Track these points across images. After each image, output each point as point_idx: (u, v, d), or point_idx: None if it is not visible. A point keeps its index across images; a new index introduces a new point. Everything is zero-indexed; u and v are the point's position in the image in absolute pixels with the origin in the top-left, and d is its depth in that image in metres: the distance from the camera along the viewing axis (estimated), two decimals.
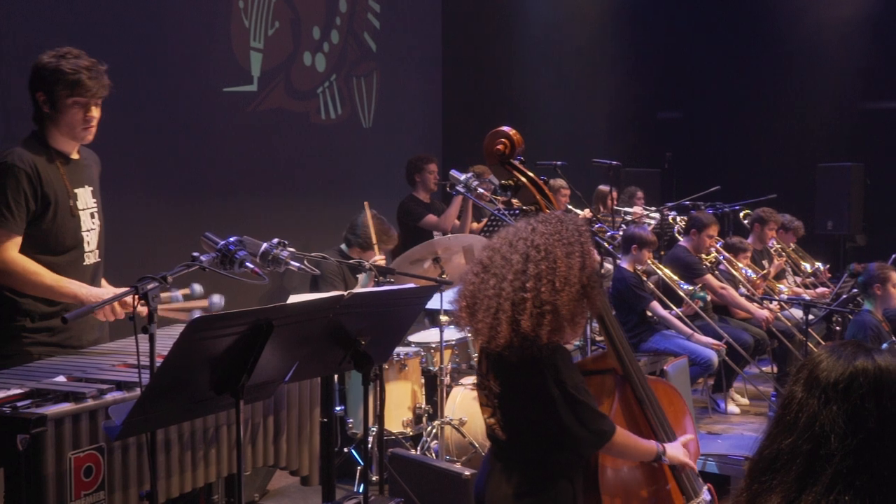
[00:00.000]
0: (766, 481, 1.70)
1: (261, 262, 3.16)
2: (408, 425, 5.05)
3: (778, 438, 1.72)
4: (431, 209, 7.11)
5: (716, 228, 7.11)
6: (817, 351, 1.78)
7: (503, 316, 2.53)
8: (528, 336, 2.50)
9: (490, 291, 2.58)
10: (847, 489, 1.62)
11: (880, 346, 5.58)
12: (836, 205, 9.49)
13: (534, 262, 2.55)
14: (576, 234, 2.62)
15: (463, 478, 3.96)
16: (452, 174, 5.03)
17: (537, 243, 2.58)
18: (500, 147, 3.09)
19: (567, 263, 2.56)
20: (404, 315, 3.35)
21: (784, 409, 1.73)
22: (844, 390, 1.65)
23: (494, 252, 2.65)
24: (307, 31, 7.88)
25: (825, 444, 1.63)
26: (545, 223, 2.64)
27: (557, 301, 2.52)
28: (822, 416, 1.65)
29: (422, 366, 5.21)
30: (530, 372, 2.58)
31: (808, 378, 1.71)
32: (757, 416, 6.53)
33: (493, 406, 2.73)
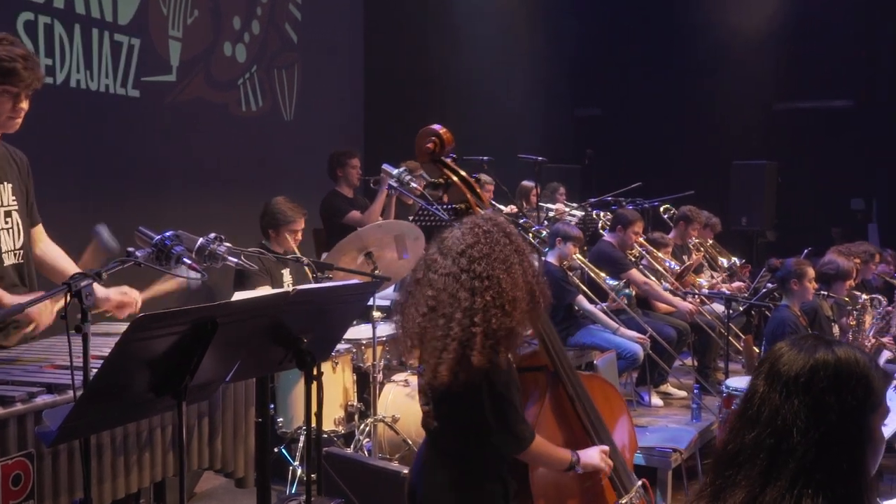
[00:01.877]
0: (730, 476, 1.71)
1: (197, 258, 3.04)
2: (340, 423, 4.96)
3: (741, 432, 1.73)
4: (355, 205, 7.02)
5: (641, 225, 7.22)
6: (776, 346, 1.79)
7: (446, 356, 2.50)
8: (480, 369, 2.49)
9: (439, 332, 2.55)
10: (809, 483, 1.64)
11: None
12: (749, 201, 9.76)
13: (479, 293, 2.52)
14: (506, 242, 2.61)
15: (401, 476, 3.89)
16: (385, 168, 4.94)
17: (478, 272, 2.55)
18: (430, 145, 3.09)
19: (511, 282, 2.55)
20: (346, 311, 3.27)
21: (747, 403, 1.75)
22: (806, 384, 1.68)
23: (440, 292, 2.59)
24: (227, 20, 7.68)
25: (788, 438, 1.66)
26: (476, 246, 2.58)
27: (510, 324, 2.52)
28: (784, 410, 1.67)
29: (353, 362, 5.12)
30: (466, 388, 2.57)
31: (770, 372, 1.73)
32: (681, 408, 6.63)
33: (427, 395, 2.74)
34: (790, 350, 1.75)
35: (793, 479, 1.64)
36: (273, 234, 5.23)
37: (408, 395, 5.04)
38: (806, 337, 1.80)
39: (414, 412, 4.98)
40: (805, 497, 1.63)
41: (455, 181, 3.05)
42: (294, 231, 5.20)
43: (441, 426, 2.72)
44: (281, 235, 5.19)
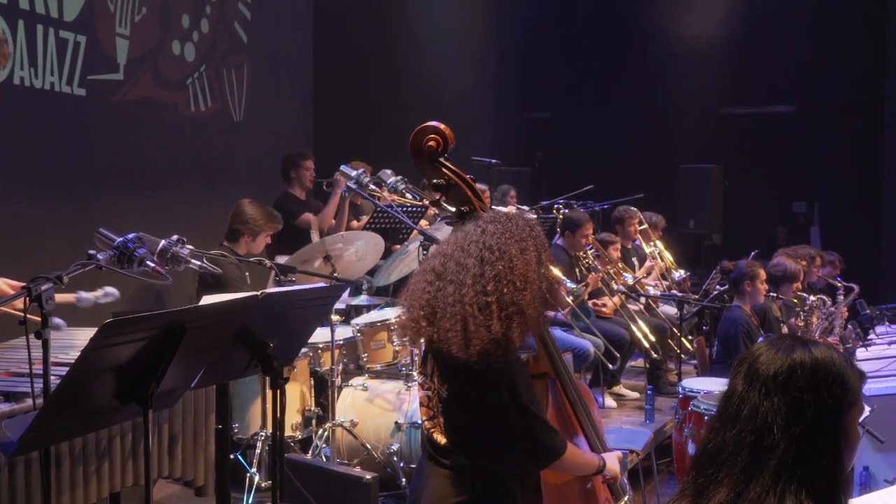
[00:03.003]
0: (712, 474, 1.74)
1: (160, 260, 2.96)
2: (297, 429, 4.89)
3: (721, 431, 1.76)
4: (307, 206, 6.93)
5: (590, 226, 7.20)
6: (756, 345, 1.83)
7: (474, 323, 2.40)
8: (500, 340, 2.39)
9: (450, 299, 2.45)
10: (792, 479, 1.67)
11: (751, 342, 5.81)
12: (697, 204, 9.90)
13: (489, 263, 2.45)
14: (527, 230, 2.55)
15: (364, 482, 3.85)
16: (343, 170, 4.91)
17: (489, 244, 2.49)
18: (432, 143, 2.89)
19: (523, 261, 2.48)
20: (312, 315, 3.21)
21: (726, 402, 1.78)
22: (784, 382, 1.71)
23: (447, 258, 2.53)
24: (176, 18, 7.53)
25: (768, 435, 1.69)
26: (494, 223, 2.55)
27: (521, 301, 2.43)
28: (763, 408, 1.71)
29: (310, 367, 5.05)
30: (484, 380, 2.47)
31: (749, 372, 1.76)
32: (634, 409, 6.68)
33: (434, 409, 2.64)
34: (768, 350, 1.78)
35: (775, 475, 1.68)
36: (248, 238, 5.09)
37: (366, 399, 4.99)
38: (783, 337, 1.85)
39: (373, 416, 4.95)
40: (788, 493, 1.66)
41: (457, 182, 2.90)
42: (269, 235, 5.10)
43: (452, 441, 2.59)
44: (258, 240, 5.07)
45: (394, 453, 4.74)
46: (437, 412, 2.62)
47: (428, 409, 2.66)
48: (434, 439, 2.64)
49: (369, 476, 3.89)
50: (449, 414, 2.59)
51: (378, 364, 5.22)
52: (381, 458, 4.77)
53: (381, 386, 5.07)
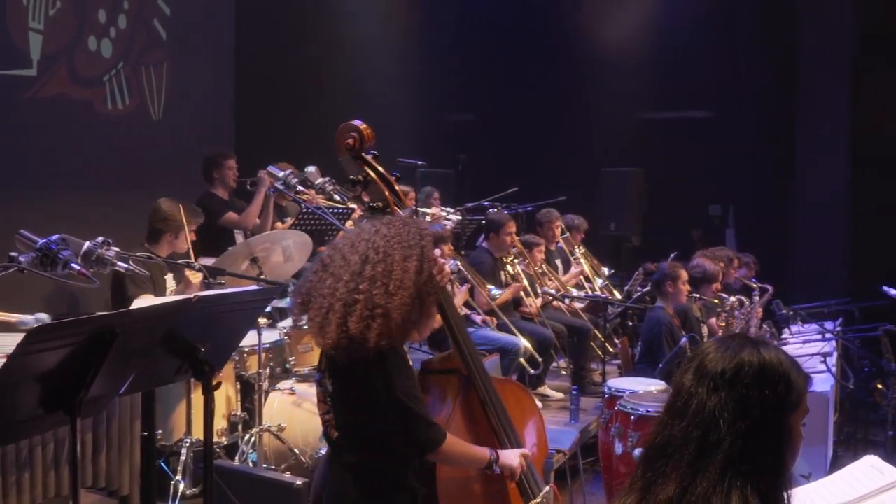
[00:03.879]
0: (659, 468, 1.77)
1: (84, 263, 2.86)
2: (223, 434, 4.79)
3: (669, 425, 1.79)
4: (232, 206, 6.81)
5: (513, 226, 7.24)
6: (705, 344, 1.87)
7: (333, 316, 2.51)
8: (355, 338, 2.47)
9: (325, 290, 2.56)
10: (737, 475, 1.71)
11: (673, 342, 5.93)
12: (618, 207, 10.04)
13: (371, 263, 2.54)
14: (416, 238, 2.61)
15: (295, 487, 3.79)
16: (271, 171, 4.84)
17: (377, 245, 2.57)
18: (350, 141, 3.01)
19: (403, 267, 2.54)
20: (244, 319, 3.14)
21: (675, 396, 1.81)
22: (731, 379, 1.75)
23: (336, 251, 2.63)
24: (92, 13, 7.31)
25: (715, 430, 1.72)
26: (389, 225, 2.63)
27: (389, 305, 2.49)
28: (710, 402, 1.74)
29: (235, 371, 4.95)
30: (359, 373, 2.55)
31: (697, 368, 1.80)
32: (559, 410, 6.74)
33: (327, 404, 2.70)
34: (716, 349, 1.82)
35: (721, 470, 1.71)
36: (171, 236, 4.95)
37: (293, 403, 4.92)
38: (733, 336, 1.89)
39: (301, 420, 4.88)
40: (734, 489, 1.69)
41: (374, 178, 2.98)
42: (192, 231, 4.98)
43: (343, 435, 2.65)
44: (181, 237, 4.94)
45: (322, 458, 4.67)
46: (329, 407, 2.69)
47: (324, 403, 2.71)
48: (329, 434, 2.69)
49: (300, 481, 3.82)
50: (337, 408, 2.65)
51: (305, 367, 5.15)
52: (310, 463, 4.71)
53: (308, 390, 4.99)
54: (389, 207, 2.99)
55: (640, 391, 4.90)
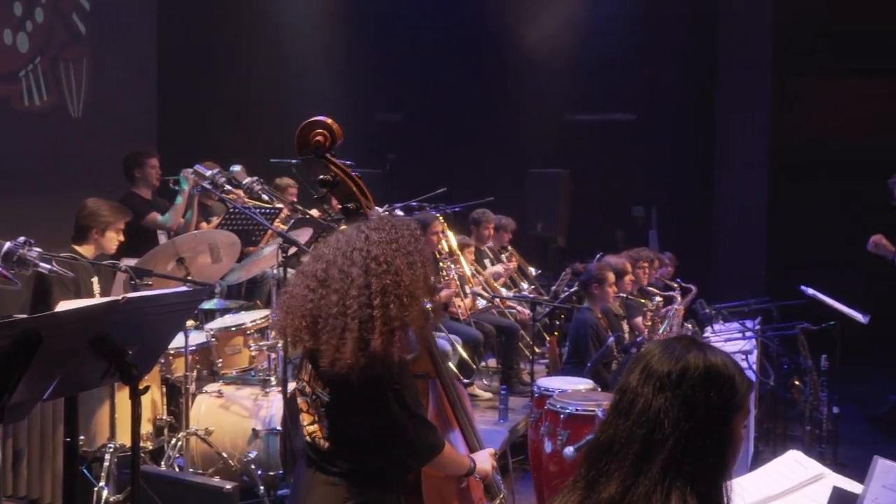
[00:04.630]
0: (603, 466, 1.78)
1: (5, 264, 2.76)
2: (148, 439, 4.67)
3: (614, 424, 1.80)
4: (155, 206, 6.66)
5: (439, 225, 7.25)
6: (650, 346, 1.88)
7: (350, 336, 2.36)
8: (377, 356, 2.37)
9: (334, 309, 2.40)
10: (678, 475, 1.72)
11: (600, 343, 6.00)
12: (545, 208, 10.13)
13: (376, 275, 2.41)
14: (412, 242, 2.52)
15: (225, 492, 3.73)
16: (198, 170, 4.74)
17: (375, 254, 2.44)
18: (319, 138, 2.84)
19: (411, 276, 2.45)
20: (174, 321, 3.08)
21: (621, 396, 1.82)
22: (677, 380, 1.77)
23: (330, 265, 2.47)
24: (7, 6, 7.09)
25: (659, 430, 1.74)
26: (378, 230, 2.50)
27: (406, 317, 2.41)
28: (656, 402, 1.76)
29: (161, 374, 4.84)
30: (368, 384, 2.44)
31: (643, 369, 1.81)
32: (488, 409, 6.76)
33: (317, 414, 2.58)
34: (663, 350, 1.84)
35: (663, 469, 1.72)
36: (97, 234, 4.79)
37: (221, 406, 4.84)
38: (679, 338, 1.90)
39: (229, 424, 4.80)
40: (675, 489, 1.71)
41: (344, 179, 2.84)
42: (120, 229, 4.82)
43: (337, 446, 2.56)
44: (108, 235, 4.78)
45: (251, 461, 4.62)
46: (320, 417, 2.57)
47: (308, 414, 2.60)
48: (317, 445, 2.59)
49: (230, 485, 3.76)
50: (333, 418, 2.55)
51: (233, 370, 5.07)
52: (238, 467, 4.64)
53: (236, 392, 4.94)
54: (362, 208, 2.87)
55: (569, 390, 4.94)
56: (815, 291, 6.08)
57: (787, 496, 2.74)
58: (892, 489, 2.22)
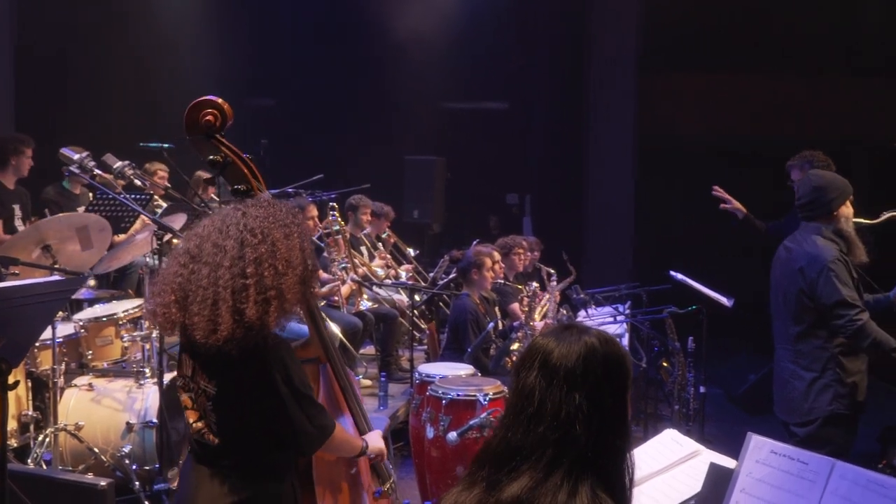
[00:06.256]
0: (512, 468, 1.76)
1: None
2: (12, 436, 4.44)
3: (523, 427, 1.77)
4: (16, 195, 6.36)
5: (314, 210, 7.15)
6: (539, 340, 1.86)
7: (224, 305, 2.32)
8: (253, 325, 2.33)
9: (204, 282, 2.36)
10: (586, 467, 1.73)
11: (479, 329, 6.06)
12: (421, 195, 10.18)
13: (251, 246, 2.38)
14: (290, 216, 2.51)
15: (99, 489, 3.58)
16: (65, 153, 4.52)
17: (252, 227, 2.41)
18: (209, 118, 2.80)
19: (287, 245, 2.43)
20: (45, 312, 2.93)
21: (525, 399, 1.79)
22: (583, 375, 1.77)
23: (203, 240, 2.43)
24: None
25: (571, 431, 1.74)
26: (256, 206, 2.49)
27: (282, 285, 2.38)
28: (567, 404, 1.75)
29: (26, 367, 4.61)
30: (254, 368, 2.41)
31: (545, 367, 1.79)
32: (367, 396, 6.74)
33: (203, 409, 2.52)
34: (558, 344, 1.81)
35: (572, 464, 1.73)
36: None
37: (92, 399, 4.65)
38: (568, 328, 1.88)
39: (100, 418, 4.62)
40: (581, 483, 1.72)
41: (234, 160, 2.81)
42: None
43: (226, 439, 2.49)
44: None
45: (125, 456, 4.47)
46: (206, 412, 2.51)
47: (194, 410, 2.53)
48: (205, 441, 2.53)
49: (104, 482, 3.60)
50: (220, 412, 2.49)
51: (105, 361, 4.89)
52: (111, 462, 4.48)
53: (108, 385, 4.75)
54: (252, 190, 2.84)
55: (450, 376, 4.98)
56: (683, 276, 6.31)
57: (666, 473, 2.84)
58: (764, 463, 2.33)
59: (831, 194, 4.18)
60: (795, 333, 4.19)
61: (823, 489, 2.13)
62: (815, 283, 4.04)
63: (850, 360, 4.11)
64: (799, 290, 4.12)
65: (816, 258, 4.07)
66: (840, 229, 4.17)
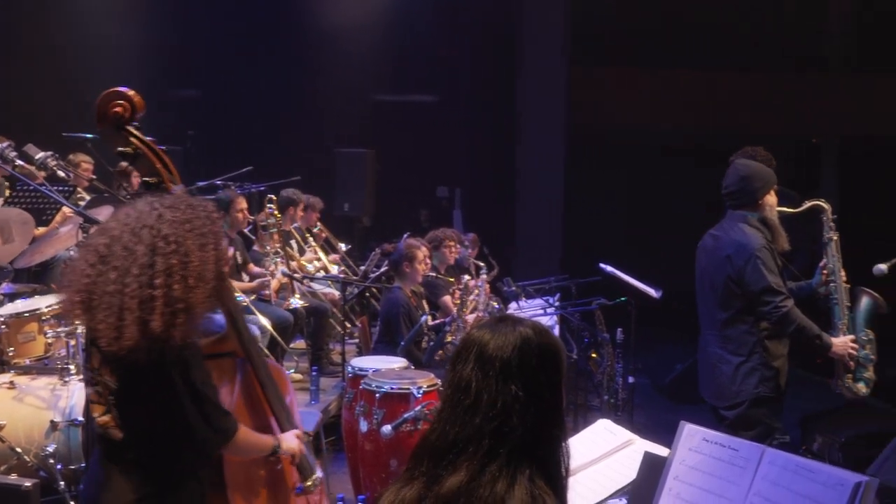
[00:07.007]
0: (449, 461, 1.76)
1: None
2: None
3: (460, 420, 1.78)
4: None
5: (243, 202, 7.06)
6: (474, 333, 1.86)
7: (129, 316, 2.26)
8: (158, 337, 2.27)
9: (111, 287, 2.29)
10: (525, 458, 1.75)
11: (411, 322, 6.07)
12: (352, 188, 10.11)
13: (162, 254, 2.31)
14: (208, 223, 2.43)
15: (23, 490, 3.48)
16: None
17: (165, 233, 2.34)
18: (118, 109, 2.75)
19: (201, 257, 2.36)
20: None
21: (462, 392, 1.80)
22: (519, 367, 1.78)
23: (114, 241, 2.35)
24: None
25: (508, 421, 1.75)
26: (173, 209, 2.40)
27: (192, 299, 2.32)
28: (503, 395, 1.76)
29: None
30: (155, 368, 2.35)
31: (480, 359, 1.80)
32: (299, 391, 6.67)
33: (107, 403, 2.45)
34: (492, 336, 1.82)
35: (509, 454, 1.74)
36: None
37: (14, 398, 4.51)
38: (500, 319, 1.89)
39: (23, 417, 4.49)
40: (520, 472, 1.73)
41: (145, 152, 2.74)
42: None
43: (129, 435, 2.43)
44: None
45: (50, 455, 4.34)
46: (109, 406, 2.45)
47: (100, 404, 2.47)
48: (109, 435, 2.46)
49: (28, 483, 3.50)
50: (122, 406, 2.43)
51: (27, 358, 4.74)
52: (35, 462, 4.34)
53: (31, 383, 4.61)
54: (164, 183, 2.78)
55: (384, 369, 4.97)
56: (612, 269, 6.41)
57: (600, 462, 2.89)
58: (697, 451, 2.38)
59: (757, 183, 4.30)
60: (723, 319, 4.30)
61: (754, 475, 2.18)
62: (743, 271, 4.15)
63: (775, 345, 4.24)
64: (727, 277, 4.23)
65: (744, 246, 4.18)
66: (765, 218, 4.29)
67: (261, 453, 2.77)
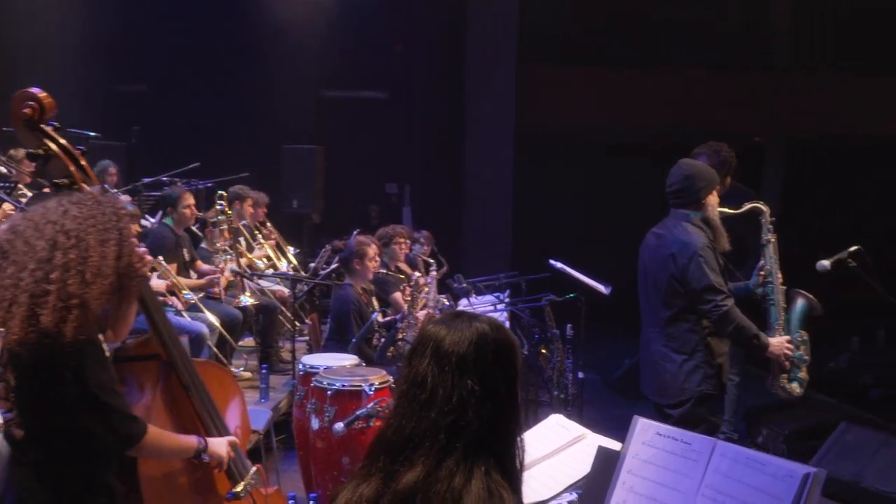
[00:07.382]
0: (406, 457, 1.76)
1: None
2: None
3: (416, 415, 1.78)
4: None
5: (190, 198, 6.98)
6: (430, 328, 1.87)
7: (17, 309, 2.25)
8: (48, 332, 2.24)
9: (7, 282, 2.28)
10: (481, 452, 1.76)
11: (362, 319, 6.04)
12: (300, 184, 10.03)
13: (62, 249, 2.30)
14: (113, 220, 2.41)
15: None
16: None
17: (68, 228, 2.33)
18: (27, 111, 2.73)
19: (100, 252, 2.34)
20: None
21: (418, 387, 1.80)
22: (475, 362, 1.79)
23: (17, 236, 2.33)
24: None
25: (464, 415, 1.75)
26: (79, 205, 2.39)
27: (87, 295, 2.29)
28: (459, 390, 1.76)
29: None
30: (46, 366, 2.31)
31: (437, 354, 1.80)
32: (248, 389, 6.61)
33: (10, 401, 2.41)
34: (449, 332, 1.83)
35: (466, 449, 1.75)
36: None
37: None
38: (456, 315, 1.90)
39: None
40: (476, 467, 1.74)
41: (57, 152, 2.71)
42: None
43: (29, 434, 2.39)
44: None
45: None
46: (12, 404, 2.41)
47: (6, 400, 2.43)
48: (12, 434, 2.42)
49: None
50: (20, 404, 2.39)
51: None
52: None
53: None
54: (76, 184, 2.73)
55: (335, 366, 4.95)
56: (561, 265, 6.45)
57: (554, 457, 2.91)
58: (650, 445, 2.41)
59: (700, 183, 4.34)
60: (666, 317, 4.33)
61: (706, 467, 2.22)
62: (686, 269, 4.19)
63: (717, 343, 4.29)
64: (670, 275, 4.26)
65: (687, 245, 4.23)
66: (708, 217, 4.34)
67: (182, 455, 2.72)
